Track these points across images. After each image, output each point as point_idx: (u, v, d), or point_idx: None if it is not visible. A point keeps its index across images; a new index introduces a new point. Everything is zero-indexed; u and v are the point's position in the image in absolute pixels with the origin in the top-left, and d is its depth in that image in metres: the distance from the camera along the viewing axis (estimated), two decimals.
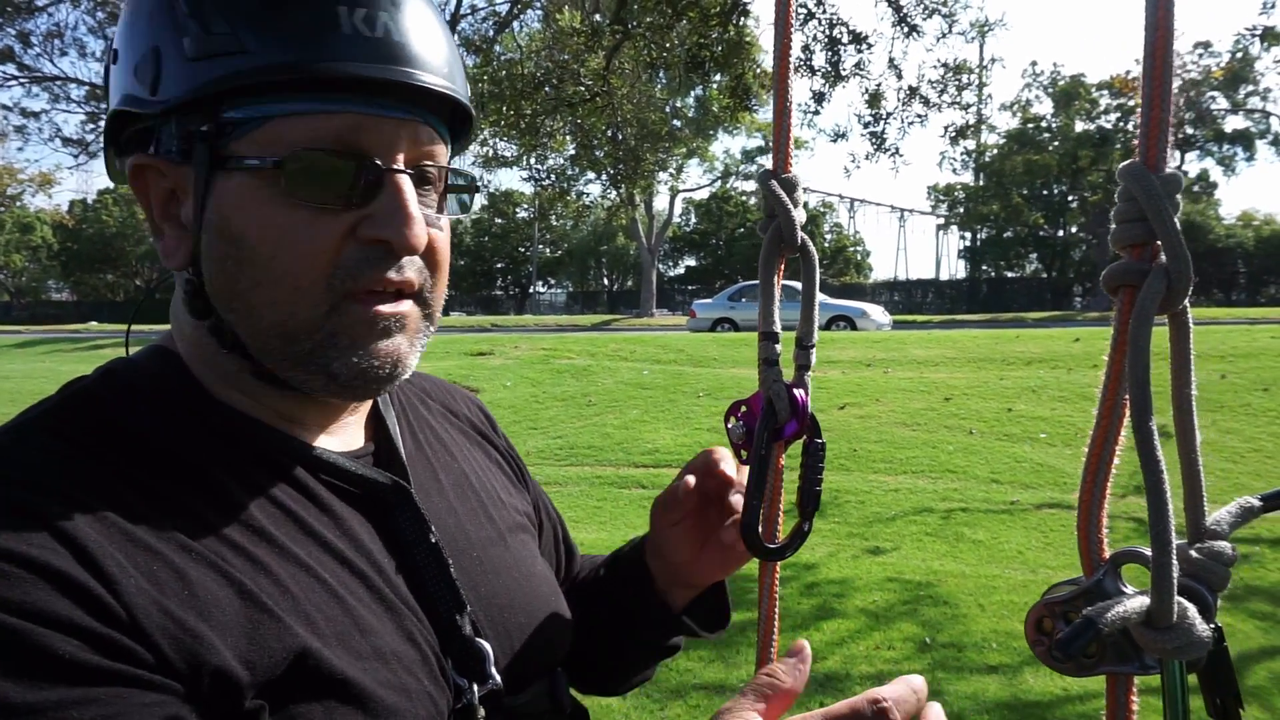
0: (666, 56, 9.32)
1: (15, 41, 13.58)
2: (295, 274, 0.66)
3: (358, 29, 0.65)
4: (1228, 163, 37.80)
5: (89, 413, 0.68)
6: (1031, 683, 3.84)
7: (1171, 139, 0.44)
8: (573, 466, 8.43)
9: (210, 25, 0.65)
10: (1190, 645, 0.40)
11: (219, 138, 0.67)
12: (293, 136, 0.65)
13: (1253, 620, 4.62)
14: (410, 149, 0.70)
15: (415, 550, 0.74)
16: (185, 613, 0.58)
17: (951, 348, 12.94)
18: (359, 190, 0.67)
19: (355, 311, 0.68)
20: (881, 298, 40.38)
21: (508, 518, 0.88)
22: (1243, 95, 35.33)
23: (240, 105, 0.66)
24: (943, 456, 8.11)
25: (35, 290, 54.09)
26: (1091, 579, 0.43)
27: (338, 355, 0.68)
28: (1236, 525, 0.45)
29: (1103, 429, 0.42)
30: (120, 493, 0.62)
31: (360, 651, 0.65)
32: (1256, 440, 8.09)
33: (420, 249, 0.69)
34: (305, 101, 0.66)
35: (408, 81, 0.67)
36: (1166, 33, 0.41)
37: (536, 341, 15.97)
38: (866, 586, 5.18)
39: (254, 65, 0.64)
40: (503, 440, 1.00)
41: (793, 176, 0.69)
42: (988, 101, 36.37)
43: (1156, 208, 0.42)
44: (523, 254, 51.05)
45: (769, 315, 0.69)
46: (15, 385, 14.67)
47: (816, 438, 0.73)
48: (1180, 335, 0.44)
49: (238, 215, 0.67)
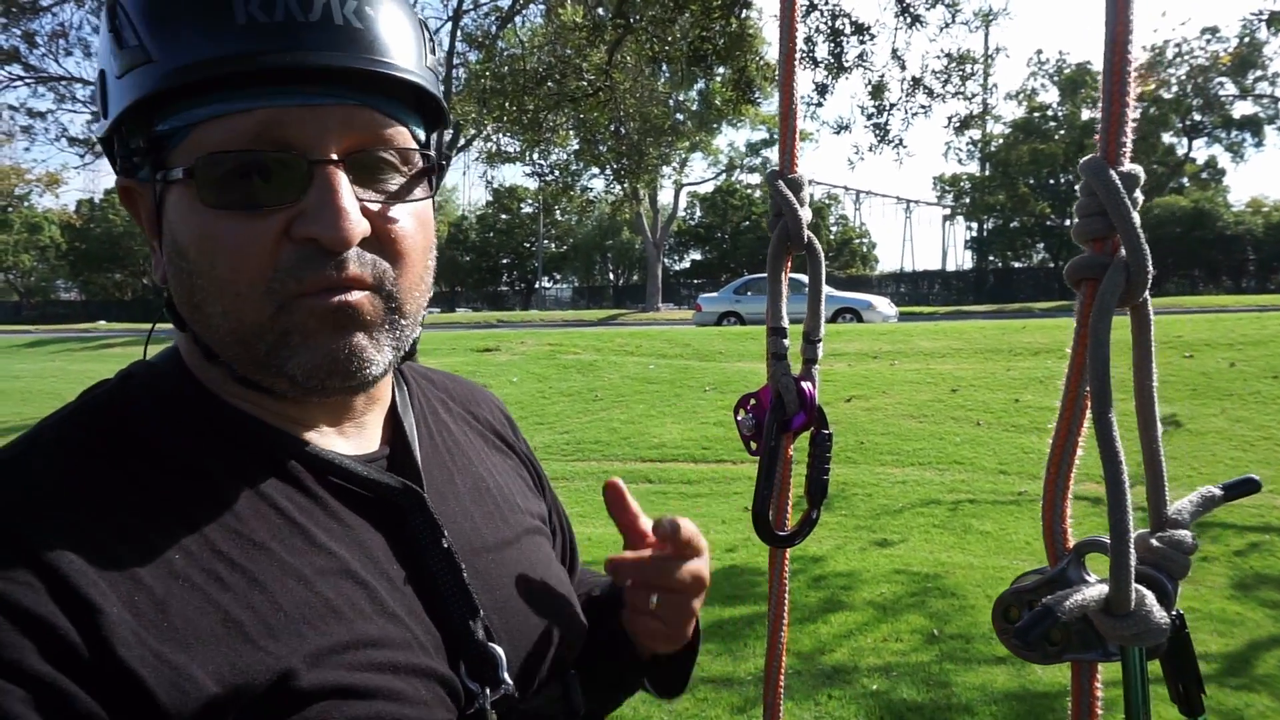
0: (669, 50, 9.30)
1: (20, 42, 13.62)
2: (234, 281, 0.65)
3: (253, 16, 0.62)
4: (1236, 149, 37.54)
5: (101, 420, 0.68)
6: (1040, 674, 3.84)
7: (1178, 125, 0.44)
8: (579, 461, 8.45)
9: (125, 39, 0.64)
10: (1149, 632, 0.41)
11: (158, 152, 0.66)
12: (210, 140, 0.64)
13: (1263, 609, 4.61)
14: (347, 137, 0.66)
15: (428, 555, 0.73)
16: (164, 644, 0.58)
17: (958, 339, 12.91)
18: (283, 188, 0.64)
19: (303, 306, 0.65)
20: (888, 289, 40.29)
21: (524, 521, 0.87)
22: (1251, 81, 35.05)
23: (167, 117, 0.65)
24: (950, 448, 8.10)
25: (44, 290, 54.38)
26: (1056, 568, 0.44)
27: (291, 354, 0.66)
28: (1197, 514, 0.45)
29: (1065, 420, 0.43)
30: (118, 511, 0.62)
31: (355, 665, 0.64)
32: (1267, 428, 8.06)
33: (352, 244, 0.65)
34: (218, 103, 0.63)
35: (316, 65, 0.63)
36: (1125, 28, 0.41)
37: (542, 337, 15.99)
38: (874, 578, 5.19)
39: (159, 72, 0.63)
40: (523, 444, 0.99)
41: (799, 176, 0.70)
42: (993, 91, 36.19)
43: (1116, 202, 0.42)
44: (528, 249, 51.08)
45: (777, 311, 0.70)
46: (26, 385, 14.77)
47: (823, 429, 0.74)
48: (1141, 327, 0.44)
49: (179, 228, 0.66)
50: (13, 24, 12.94)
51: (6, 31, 13.09)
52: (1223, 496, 0.46)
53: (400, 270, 0.69)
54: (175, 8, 0.63)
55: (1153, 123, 33.79)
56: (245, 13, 0.62)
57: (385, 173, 0.69)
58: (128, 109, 0.65)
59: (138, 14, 0.64)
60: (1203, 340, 11.09)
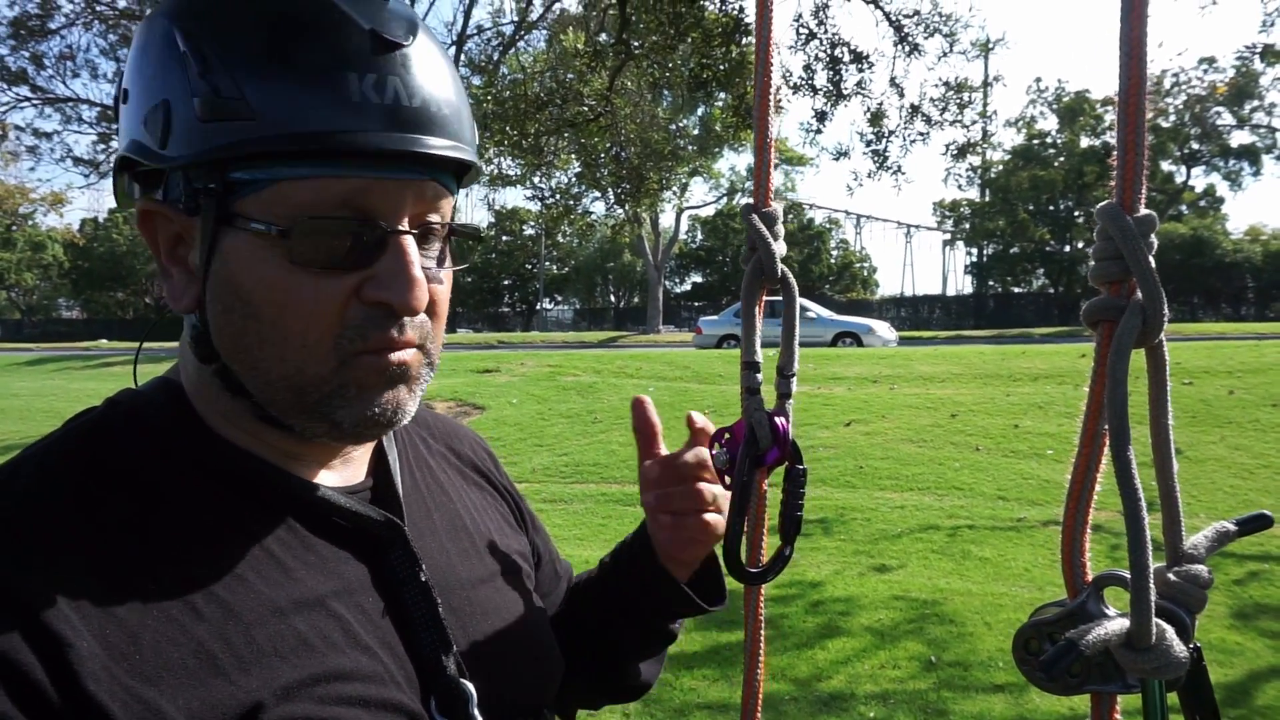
0: (670, 76, 9.39)
1: (29, 63, 13.76)
2: (302, 333, 0.67)
3: (366, 96, 0.65)
4: (1234, 178, 37.78)
5: (84, 450, 0.69)
6: (1038, 702, 3.82)
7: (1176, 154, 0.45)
8: (578, 484, 8.43)
9: (220, 88, 0.65)
10: (1169, 665, 0.42)
11: (226, 195, 0.67)
12: (298, 200, 0.66)
13: (1263, 639, 4.59)
14: (415, 207, 0.70)
15: (405, 588, 0.74)
16: (134, 680, 0.59)
17: (958, 364, 12.93)
18: (363, 253, 0.68)
19: (364, 363, 0.69)
20: (888, 314, 40.35)
21: (502, 558, 0.89)
22: (1248, 111, 35.36)
23: (247, 167, 0.66)
24: (949, 473, 8.09)
25: (46, 308, 54.42)
26: (1075, 601, 0.45)
27: (344, 404, 0.69)
28: (1213, 549, 0.46)
29: (1084, 457, 0.44)
30: (94, 542, 0.63)
31: (325, 698, 0.65)
32: (1266, 456, 8.05)
33: (421, 310, 0.70)
34: (312, 166, 0.66)
35: (417, 150, 0.67)
36: (1139, 81, 0.43)
37: (543, 358, 16.00)
38: (872, 604, 5.17)
39: (261, 134, 0.64)
40: (505, 481, 1.01)
41: (773, 210, 0.71)
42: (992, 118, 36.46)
43: (1132, 247, 0.44)
44: (529, 271, 51.23)
45: (751, 345, 0.71)
46: (25, 403, 14.74)
47: (798, 464, 0.75)
48: (1156, 367, 0.46)
49: (243, 274, 0.67)
50: (21, 46, 13.06)
51: (15, 53, 13.21)
52: (1237, 532, 0.47)
53: (435, 329, 0.74)
54: (288, 71, 0.65)
55: (1151, 151, 33.98)
56: (360, 91, 0.65)
57: (436, 239, 0.74)
58: (210, 155, 0.66)
59: (242, 67, 0.65)
60: (1202, 368, 11.12)
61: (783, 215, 0.74)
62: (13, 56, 13.21)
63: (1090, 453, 0.44)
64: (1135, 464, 0.43)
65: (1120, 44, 0.45)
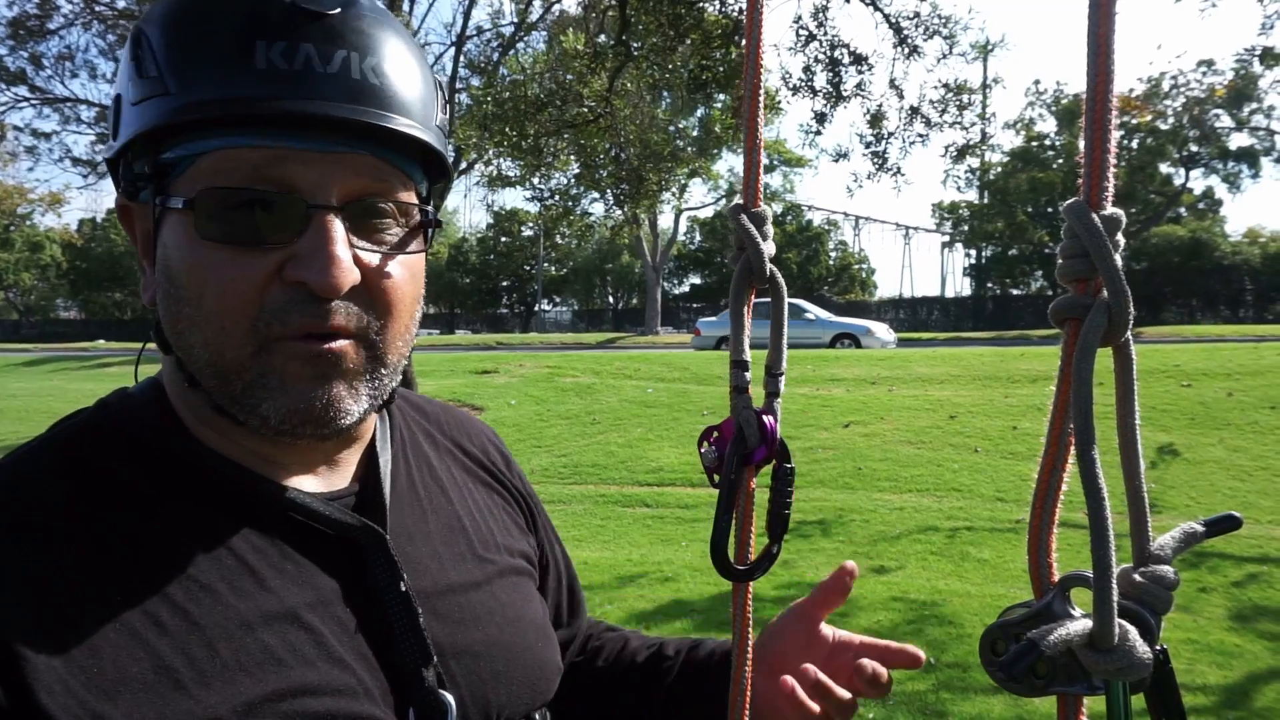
0: (669, 77, 9.40)
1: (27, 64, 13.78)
2: (220, 313, 0.65)
3: (273, 63, 0.64)
4: (1233, 180, 37.80)
5: (64, 455, 0.68)
6: (1037, 704, 3.82)
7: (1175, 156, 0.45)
8: (576, 485, 8.43)
9: (145, 69, 0.66)
10: (1131, 667, 0.42)
11: (162, 178, 0.67)
12: (211, 174, 0.65)
13: (1262, 641, 4.59)
14: (349, 184, 0.67)
15: (386, 598, 0.72)
16: (89, 694, 0.58)
17: (956, 365, 12.93)
18: (279, 228, 0.65)
19: (284, 350, 0.66)
20: (886, 315, 40.37)
21: (500, 560, 0.86)
22: (1247, 113, 35.38)
23: (174, 146, 0.67)
24: (948, 475, 8.09)
25: (44, 309, 54.49)
26: (1041, 602, 0.45)
27: (267, 396, 0.66)
28: (1180, 550, 0.46)
29: (1050, 456, 0.44)
30: (62, 553, 0.62)
31: (288, 713, 0.63)
32: (1264, 458, 8.06)
33: (341, 292, 0.65)
34: (225, 138, 0.65)
35: (323, 114, 0.64)
36: (1106, 77, 0.43)
37: (541, 359, 16.01)
38: (871, 606, 5.16)
39: (173, 106, 0.65)
40: (518, 480, 0.98)
41: (762, 210, 0.71)
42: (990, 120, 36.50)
43: (1097, 244, 0.44)
44: (528, 272, 51.25)
45: (739, 344, 0.71)
46: (23, 404, 14.75)
47: (785, 462, 0.75)
48: (1124, 366, 0.45)
49: (173, 255, 0.67)
50: (20, 46, 13.08)
51: (14, 53, 13.24)
52: (1204, 533, 0.47)
53: (387, 321, 0.70)
54: (199, 46, 0.65)
55: (1150, 153, 34.10)
56: (266, 58, 0.64)
57: (383, 223, 0.70)
58: (137, 136, 0.67)
59: (161, 47, 0.66)
60: (1200, 370, 11.12)
61: (772, 216, 0.74)
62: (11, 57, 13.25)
63: (1056, 452, 0.44)
64: (1100, 464, 0.43)
65: (1088, 40, 0.45)
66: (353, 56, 0.66)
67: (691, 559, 6.19)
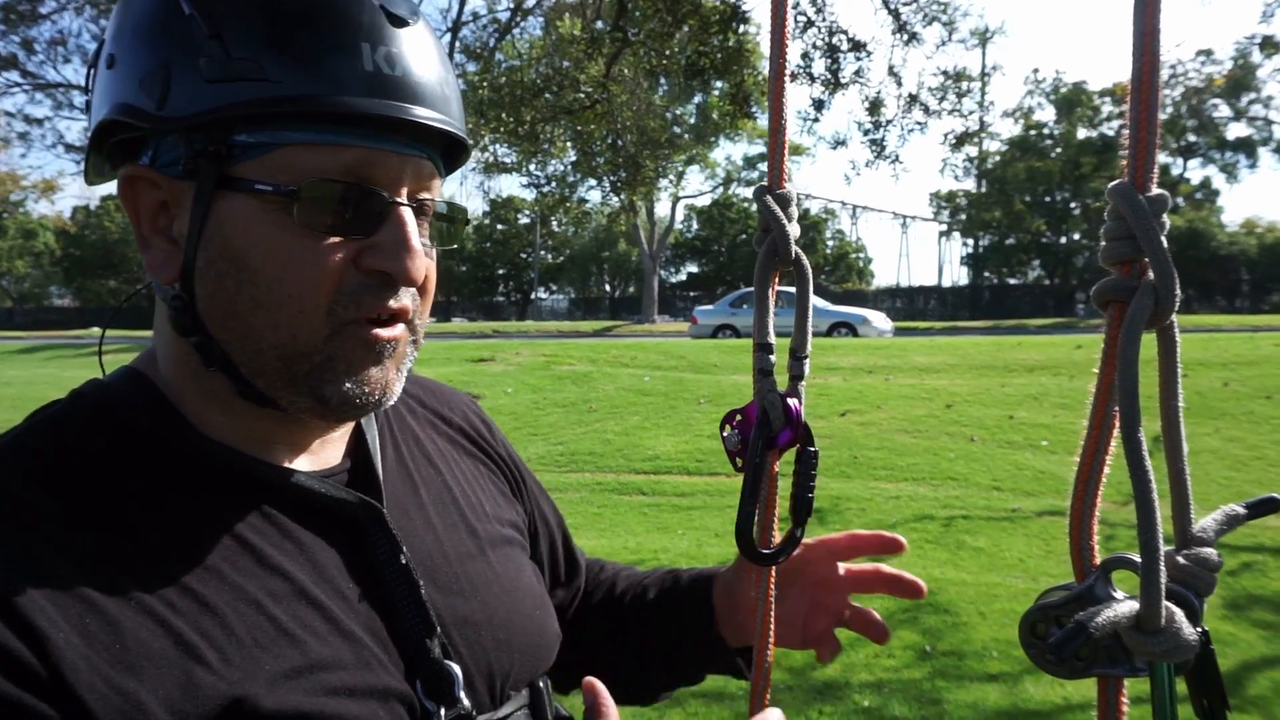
0: (666, 63, 9.35)
1: (19, 49, 13.65)
2: (299, 298, 0.67)
3: (379, 66, 0.67)
4: (1230, 170, 37.85)
5: (50, 442, 0.68)
6: (1032, 691, 3.84)
7: (1173, 146, 0.45)
8: (573, 473, 8.44)
9: (231, 49, 0.65)
10: (1178, 648, 0.42)
11: (225, 159, 0.67)
12: (305, 165, 0.66)
13: (1255, 629, 4.62)
14: (412, 182, 0.71)
15: (386, 572, 0.73)
16: (114, 670, 0.58)
17: (953, 354, 12.95)
18: (365, 221, 0.69)
19: (355, 335, 0.69)
20: (883, 304, 40.41)
21: (492, 530, 0.87)
22: (1245, 103, 35.36)
23: (252, 130, 0.66)
24: (944, 464, 8.11)
25: (37, 296, 54.21)
26: (1083, 584, 0.45)
27: (332, 379, 0.69)
28: (1222, 532, 0.46)
29: (1093, 439, 0.44)
30: (69, 535, 0.62)
31: (309, 689, 0.64)
32: (1260, 448, 8.09)
33: (419, 280, 0.71)
34: (320, 133, 0.67)
35: (420, 122, 0.68)
36: (1153, 58, 0.42)
37: (538, 347, 15.99)
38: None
39: (275, 94, 0.65)
40: (501, 447, 0.99)
41: (787, 192, 0.70)
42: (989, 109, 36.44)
43: (1144, 226, 0.44)
44: (524, 260, 51.14)
45: (764, 327, 0.71)
46: (17, 392, 14.69)
47: (809, 446, 0.74)
48: (1168, 349, 0.45)
49: (241, 237, 0.67)
50: (11, 31, 12.97)
51: (5, 38, 13.12)
52: (1246, 515, 0.47)
53: (423, 305, 0.75)
54: (305, 37, 0.66)
55: None
56: (373, 61, 0.67)
57: (428, 217, 0.75)
58: (223, 115, 0.65)
59: (255, 31, 0.66)
60: (1196, 360, 11.15)
61: (797, 199, 0.73)
62: (3, 41, 13.13)
63: (1099, 435, 0.44)
64: (1146, 447, 0.42)
65: (1134, 23, 0.45)
66: (429, 67, 0.71)
67: (687, 547, 6.20)
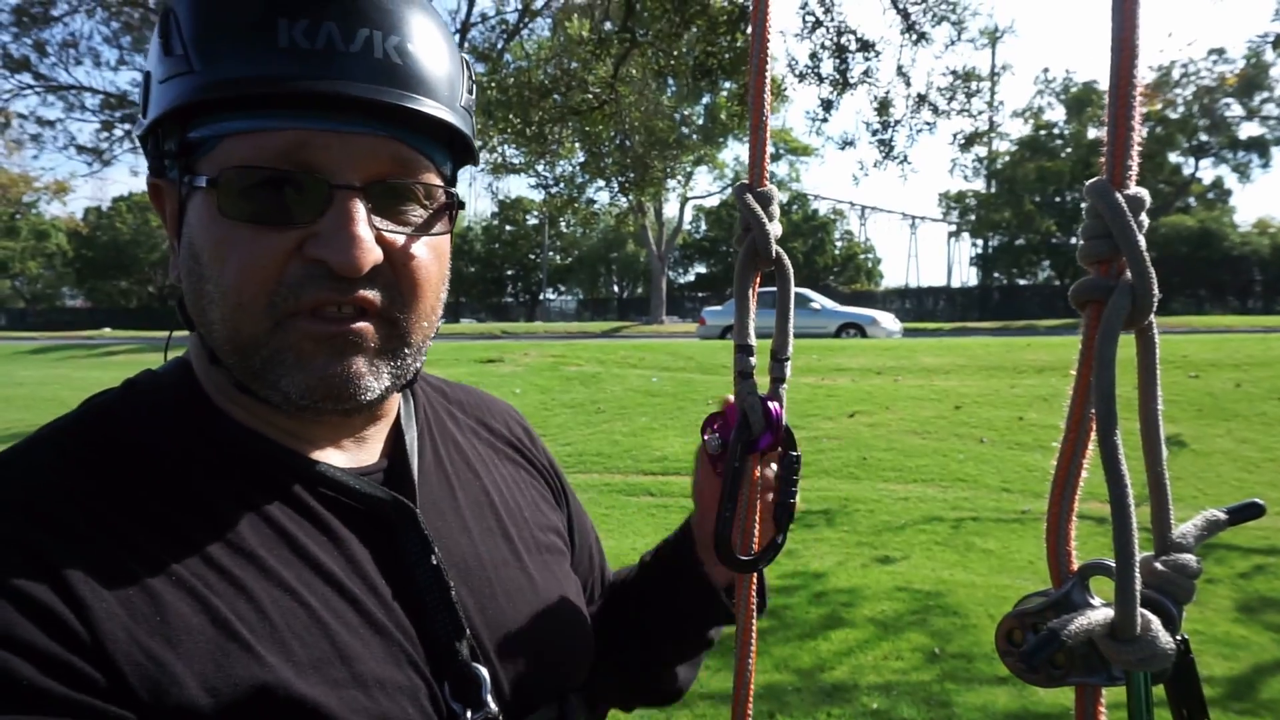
0: (674, 64, 9.34)
1: (31, 51, 13.78)
2: (238, 290, 0.66)
3: (295, 42, 0.64)
4: (1243, 170, 37.54)
5: (100, 428, 0.69)
6: (1041, 695, 3.81)
7: (1185, 145, 0.44)
8: (581, 474, 8.43)
9: (171, 47, 0.67)
10: (1154, 657, 0.41)
11: (188, 156, 0.68)
12: (240, 154, 0.65)
13: (1268, 632, 4.57)
14: (371, 165, 0.67)
15: (417, 571, 0.73)
16: (153, 640, 0.59)
17: (962, 355, 12.89)
18: (301, 208, 0.66)
19: (299, 328, 0.66)
20: (892, 305, 40.28)
21: (531, 537, 0.86)
22: (1258, 102, 35.09)
23: (201, 125, 0.67)
24: (953, 465, 8.07)
25: (49, 297, 54.59)
26: (1060, 590, 0.44)
27: (285, 372, 0.67)
28: (1202, 538, 0.45)
29: (1070, 442, 0.43)
30: (112, 514, 0.63)
31: (338, 679, 0.64)
32: (1273, 450, 8.02)
33: (361, 271, 0.66)
34: (251, 119, 0.65)
35: (347, 94, 0.64)
36: (1131, 52, 0.42)
37: (546, 348, 15.99)
38: (875, 596, 5.16)
39: (197, 84, 0.65)
40: (543, 456, 0.99)
41: (768, 190, 0.69)
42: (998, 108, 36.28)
43: (1121, 225, 0.43)
44: (533, 261, 51.22)
45: (744, 328, 0.70)
46: (30, 392, 14.79)
47: (791, 450, 0.73)
48: (1146, 350, 0.44)
49: (197, 232, 0.67)
50: (24, 33, 13.07)
51: (18, 41, 13.22)
52: (1227, 520, 0.46)
53: (410, 301, 0.71)
54: (222, 24, 0.65)
55: (1159, 142, 33.88)
56: (288, 37, 0.64)
57: (407, 204, 0.70)
58: (164, 114, 0.67)
59: (186, 25, 0.67)
60: (1208, 360, 11.06)
61: (779, 197, 0.72)
62: (15, 44, 13.24)
63: (1076, 438, 0.43)
64: (1122, 450, 0.41)
65: (1112, 18, 0.44)
66: (376, 35, 0.66)
67: None
